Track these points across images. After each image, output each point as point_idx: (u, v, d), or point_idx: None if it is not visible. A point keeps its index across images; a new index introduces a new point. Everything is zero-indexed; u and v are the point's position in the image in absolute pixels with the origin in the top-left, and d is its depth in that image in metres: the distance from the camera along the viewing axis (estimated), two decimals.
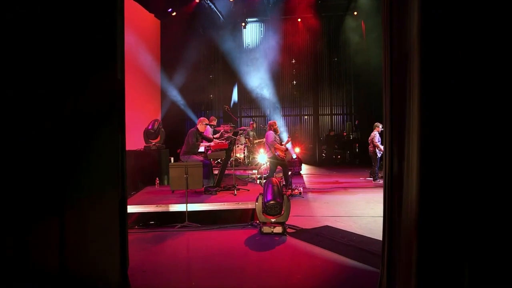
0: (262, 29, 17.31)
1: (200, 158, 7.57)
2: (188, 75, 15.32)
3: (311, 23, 16.55)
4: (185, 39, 14.98)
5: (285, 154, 8.89)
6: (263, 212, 5.98)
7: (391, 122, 3.17)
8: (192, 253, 5.28)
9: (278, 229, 5.86)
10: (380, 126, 10.77)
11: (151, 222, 6.55)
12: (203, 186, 7.47)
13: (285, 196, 6.06)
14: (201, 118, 7.81)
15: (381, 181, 11.05)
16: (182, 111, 14.87)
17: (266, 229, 5.88)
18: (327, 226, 6.31)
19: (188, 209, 6.47)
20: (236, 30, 16.48)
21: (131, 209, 6.47)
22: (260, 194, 6.11)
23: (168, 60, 14.95)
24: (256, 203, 6.02)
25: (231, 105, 16.63)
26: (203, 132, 7.74)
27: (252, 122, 12.73)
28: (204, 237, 5.89)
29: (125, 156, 4.02)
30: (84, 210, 3.60)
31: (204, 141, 7.97)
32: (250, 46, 17.14)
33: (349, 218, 6.83)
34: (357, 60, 15.92)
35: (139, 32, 13.34)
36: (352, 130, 16.65)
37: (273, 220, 5.93)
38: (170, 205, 6.52)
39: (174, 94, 14.86)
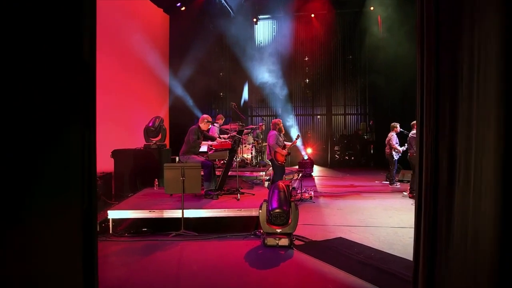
0: (275, 26, 16.47)
1: (201, 158, 6.78)
2: (197, 72, 14.58)
3: (325, 20, 15.68)
4: (195, 35, 14.25)
5: (285, 159, 8.00)
6: (267, 222, 5.16)
7: (436, 121, 2.30)
8: (184, 269, 4.48)
9: (284, 241, 5.03)
10: (398, 127, 9.83)
11: (143, 229, 5.78)
12: (203, 189, 6.69)
13: (292, 204, 5.22)
14: (204, 115, 7.01)
15: (399, 185, 10.17)
16: (190, 109, 14.13)
17: (270, 241, 5.05)
18: (340, 238, 5.45)
19: (185, 215, 5.68)
20: (248, 26, 15.68)
21: (120, 214, 5.73)
22: (264, 200, 5.28)
23: (177, 57, 14.25)
24: (260, 211, 5.20)
25: (242, 103, 15.83)
26: (205, 131, 6.94)
27: (261, 123, 11.86)
28: (200, 249, 5.09)
29: (94, 156, 3.22)
30: (34, 224, 2.81)
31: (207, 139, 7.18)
32: (262, 44, 16.32)
33: (365, 229, 5.95)
34: (373, 57, 14.99)
35: (147, 27, 12.65)
36: (366, 130, 15.69)
37: (278, 230, 5.11)
38: (164, 210, 5.74)
39: (182, 92, 14.14)
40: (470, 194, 1.98)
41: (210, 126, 8.77)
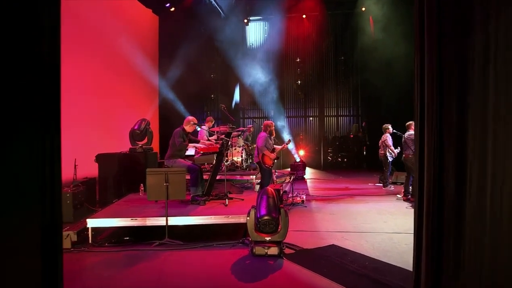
0: (266, 27, 16.16)
1: (188, 162, 6.42)
2: (188, 74, 14.22)
3: (316, 21, 15.41)
4: (185, 36, 13.89)
5: (273, 163, 7.67)
6: (255, 230, 4.82)
7: (439, 117, 1.98)
8: (165, 282, 4.12)
9: (274, 250, 4.69)
10: (390, 128, 9.56)
11: (125, 238, 5.41)
12: (189, 195, 6.34)
13: (282, 210, 4.88)
14: (189, 117, 6.65)
15: (392, 187, 9.88)
16: (180, 112, 13.74)
17: (258, 250, 4.71)
18: (333, 246, 5.12)
19: (170, 223, 5.33)
20: (239, 27, 15.36)
21: (100, 222, 5.36)
22: (252, 207, 4.94)
23: (166, 58, 13.87)
24: (248, 218, 4.86)
25: (233, 105, 15.48)
26: (190, 133, 6.59)
27: (250, 125, 11.51)
28: (184, 259, 4.73)
29: (58, 165, 2.84)
30: None
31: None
32: (253, 45, 16.01)
33: (359, 235, 5.63)
34: (365, 58, 14.72)
35: (136, 29, 12.28)
36: (359, 132, 15.41)
37: (267, 238, 4.78)
38: (147, 218, 5.37)
39: (172, 94, 13.77)
40: (487, 207, 1.66)
41: (198, 128, 8.44)
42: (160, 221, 5.33)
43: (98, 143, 8.65)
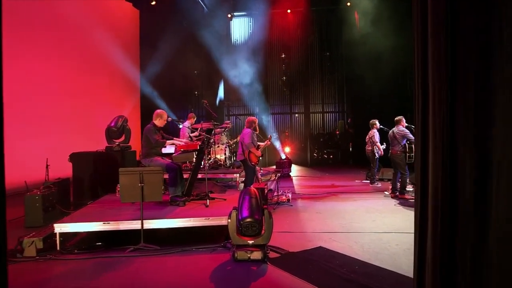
0: (251, 23, 15.76)
1: (166, 161, 5.99)
2: (170, 70, 13.74)
3: (301, 17, 15.08)
4: (167, 31, 13.36)
5: (258, 160, 7.31)
6: (237, 233, 4.43)
7: (449, 116, 1.60)
8: None
9: (257, 255, 4.31)
10: (378, 123, 9.28)
11: (97, 244, 4.96)
12: (168, 195, 5.92)
13: (266, 211, 4.51)
14: (157, 110, 6.20)
15: (379, 184, 9.61)
16: (162, 109, 13.21)
17: (241, 255, 4.32)
18: (320, 248, 4.77)
19: (146, 227, 4.90)
20: (223, 22, 14.92)
21: (69, 227, 4.88)
22: (234, 208, 4.55)
23: (148, 54, 13.34)
24: (229, 221, 4.47)
25: (217, 102, 15.04)
26: (161, 128, 6.13)
27: (228, 121, 11.05)
28: (160, 266, 4.32)
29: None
30: None
31: (175, 138, 6.38)
32: (238, 41, 15.59)
33: (347, 236, 5.29)
34: (350, 54, 14.46)
35: (114, 23, 11.74)
36: (344, 128, 15.16)
37: (250, 242, 4.39)
38: (121, 222, 4.93)
39: (154, 91, 13.26)
40: None
41: (180, 126, 8.00)
42: (135, 225, 4.90)
43: (73, 141, 8.14)
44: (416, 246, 2.13)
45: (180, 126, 8.86)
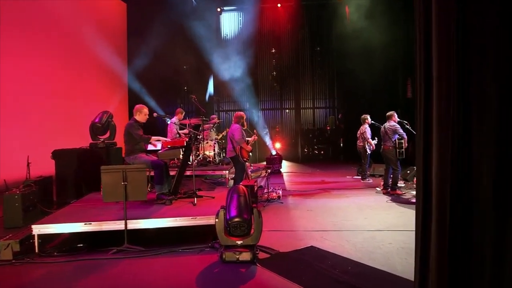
0: (241, 18, 15.46)
1: (152, 158, 5.74)
2: (159, 65, 13.39)
3: (292, 11, 14.82)
4: (155, 25, 13.00)
5: (248, 155, 7.11)
6: (225, 233, 4.23)
7: (462, 103, 1.40)
8: None
9: (246, 256, 4.11)
10: (369, 119, 9.13)
11: (79, 245, 4.71)
12: (154, 193, 5.69)
13: (255, 210, 4.30)
14: (137, 105, 5.94)
15: (371, 180, 9.46)
16: (151, 105, 12.89)
17: (229, 256, 4.11)
18: (311, 248, 4.59)
19: (130, 227, 4.66)
20: (212, 17, 14.62)
21: (48, 229, 4.62)
22: (221, 207, 4.33)
23: (136, 49, 12.96)
24: (217, 220, 4.26)
25: (207, 98, 14.76)
26: (143, 123, 5.87)
27: (214, 116, 10.76)
28: (144, 269, 4.09)
29: None
30: None
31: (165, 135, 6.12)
32: (227, 36, 15.30)
33: (339, 234, 5.12)
34: (340, 49, 14.27)
35: (101, 17, 11.38)
36: (335, 124, 15.00)
37: (239, 242, 4.19)
38: (104, 222, 4.68)
39: (143, 87, 12.91)
40: None
41: (168, 121, 7.75)
42: (118, 225, 4.65)
43: (56, 138, 7.84)
44: (418, 246, 1.92)
45: (168, 122, 8.60)
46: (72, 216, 4.98)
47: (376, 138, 9.07)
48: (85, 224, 4.61)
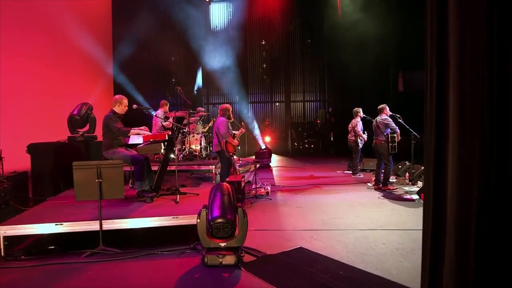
0: (230, 9, 14.99)
1: (132, 152, 5.34)
2: (146, 57, 12.92)
3: (282, 3, 14.41)
4: (142, 15, 12.47)
5: (235, 150, 6.76)
6: (208, 234, 3.87)
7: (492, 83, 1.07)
8: None
9: (230, 259, 3.76)
10: (361, 112, 8.82)
11: (50, 248, 4.32)
12: (135, 190, 5.31)
13: (239, 210, 3.95)
14: (116, 96, 5.51)
15: (362, 175, 9.18)
16: (137, 99, 12.40)
17: (211, 260, 3.76)
18: (300, 249, 4.26)
19: (106, 227, 4.29)
20: (201, 8, 14.13)
21: (15, 230, 4.21)
22: (204, 207, 3.97)
23: (122, 40, 12.43)
24: (198, 221, 3.90)
25: (195, 90, 14.31)
26: (122, 115, 5.46)
27: (201, 108, 10.30)
28: (120, 274, 3.73)
29: None
30: None
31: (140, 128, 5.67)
32: (217, 28, 14.83)
33: (329, 234, 4.80)
34: (332, 42, 13.93)
35: (86, 7, 10.82)
36: (325, 117, 14.70)
37: (222, 245, 3.84)
38: (77, 223, 4.29)
39: (129, 79, 12.40)
40: None
41: (153, 113, 7.33)
42: (93, 226, 4.27)
43: (33, 131, 7.36)
44: (428, 248, 1.58)
45: (153, 114, 8.19)
46: (44, 215, 4.58)
47: (366, 132, 8.78)
48: (56, 225, 4.22)
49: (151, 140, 5.38)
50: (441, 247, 1.42)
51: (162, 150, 5.28)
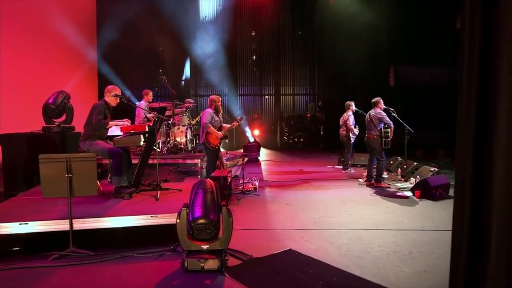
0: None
1: (110, 145, 4.88)
2: (132, 46, 12.32)
3: None
4: (128, 3, 11.88)
5: (219, 142, 6.33)
6: (188, 236, 3.47)
7: None
8: None
9: (212, 264, 3.36)
10: (353, 106, 8.46)
11: (14, 249, 3.87)
12: (112, 185, 4.87)
13: (224, 209, 3.55)
14: (109, 86, 5.06)
15: (353, 171, 8.85)
16: (123, 87, 11.83)
17: (192, 265, 3.36)
18: (290, 251, 3.89)
19: (77, 227, 3.85)
20: None
21: None
22: (184, 205, 3.56)
23: (107, 29, 11.81)
24: (178, 221, 3.49)
25: (183, 81, 13.79)
26: (112, 107, 5.03)
27: (190, 99, 9.81)
28: (90, 280, 3.31)
29: None
30: None
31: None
32: (206, 18, 14.27)
33: (321, 234, 4.44)
34: (323, 34, 13.54)
35: None
36: (315, 111, 14.34)
37: (204, 247, 3.45)
38: (44, 222, 3.84)
39: (114, 69, 11.82)
40: None
41: (137, 104, 6.86)
42: (62, 225, 3.83)
43: (4, 120, 6.82)
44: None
45: (137, 104, 7.70)
46: (9, 213, 4.11)
47: (357, 126, 8.44)
48: (20, 224, 3.75)
49: (130, 131, 4.94)
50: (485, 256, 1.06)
51: (142, 143, 4.83)
